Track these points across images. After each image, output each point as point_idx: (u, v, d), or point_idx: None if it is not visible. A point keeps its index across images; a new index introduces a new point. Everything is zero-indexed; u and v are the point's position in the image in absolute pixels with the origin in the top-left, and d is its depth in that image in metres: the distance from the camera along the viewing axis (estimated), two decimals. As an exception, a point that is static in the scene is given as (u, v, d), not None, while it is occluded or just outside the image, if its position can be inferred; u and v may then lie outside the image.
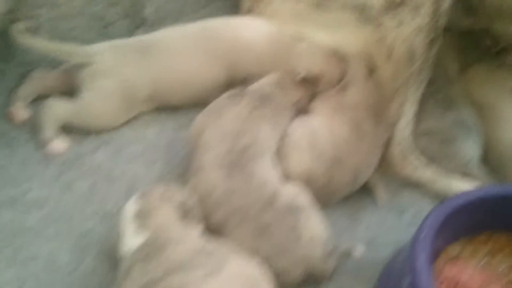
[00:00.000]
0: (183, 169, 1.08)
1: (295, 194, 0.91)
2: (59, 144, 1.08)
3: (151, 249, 0.72)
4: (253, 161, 0.92)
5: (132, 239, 0.75)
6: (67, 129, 1.10)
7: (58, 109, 1.08)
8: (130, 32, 1.29)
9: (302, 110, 1.10)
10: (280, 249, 0.84)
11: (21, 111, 1.11)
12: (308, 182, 0.98)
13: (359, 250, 0.94)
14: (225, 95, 1.05)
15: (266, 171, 0.93)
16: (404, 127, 1.10)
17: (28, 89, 1.13)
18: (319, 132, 1.03)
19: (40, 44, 1.11)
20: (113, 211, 0.99)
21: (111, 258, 0.90)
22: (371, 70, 1.10)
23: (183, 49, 1.16)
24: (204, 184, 0.91)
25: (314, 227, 0.89)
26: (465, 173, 1.07)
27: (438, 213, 0.84)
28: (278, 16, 1.21)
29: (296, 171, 0.99)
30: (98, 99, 1.10)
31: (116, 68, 1.11)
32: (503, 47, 1.21)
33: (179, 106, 1.20)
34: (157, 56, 1.14)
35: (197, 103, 1.13)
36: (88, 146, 1.11)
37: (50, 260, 0.90)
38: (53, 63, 1.18)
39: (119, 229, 0.80)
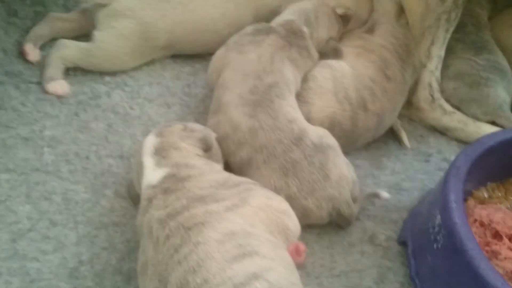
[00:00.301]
0: (199, 113, 1.06)
1: (323, 133, 0.87)
2: (62, 86, 1.04)
3: (172, 183, 0.69)
4: (278, 100, 0.88)
5: (152, 174, 0.72)
6: (83, 70, 1.07)
7: (68, 48, 1.05)
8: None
9: (327, 53, 1.04)
10: (308, 188, 0.81)
11: (33, 51, 1.08)
12: (332, 127, 0.94)
13: (383, 196, 0.91)
14: (248, 28, 0.99)
15: (292, 111, 0.89)
16: (433, 70, 1.06)
17: (43, 29, 1.10)
18: (344, 75, 0.98)
19: None
20: (130, 152, 0.97)
21: (128, 199, 0.88)
22: (401, 11, 1.05)
23: None
24: (226, 123, 0.87)
25: (343, 168, 0.85)
26: (498, 116, 1.03)
27: (470, 152, 0.81)
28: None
29: (320, 116, 0.95)
30: (113, 39, 1.06)
31: (135, 9, 1.06)
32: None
33: (197, 54, 1.16)
34: None
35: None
36: (103, 88, 1.08)
37: (66, 198, 0.88)
38: (67, 5, 1.16)
39: (139, 164, 0.77)
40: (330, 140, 0.88)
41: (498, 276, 0.64)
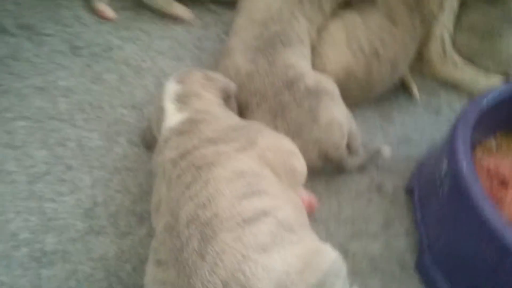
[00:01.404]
0: (210, 66, 1.06)
1: (322, 79, 0.87)
2: (109, 10, 1.12)
3: (188, 126, 0.71)
4: (281, 47, 0.88)
5: (171, 118, 0.74)
6: (96, 22, 1.09)
7: None
8: None
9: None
10: (294, 129, 0.81)
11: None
12: (347, 77, 0.95)
13: (385, 153, 0.91)
14: None
15: (294, 58, 0.89)
16: (444, 22, 1.04)
17: None
18: (356, 26, 0.98)
19: None
20: (142, 103, 0.99)
21: (140, 146, 0.91)
22: None
23: None
24: (230, 67, 0.88)
25: (334, 112, 0.85)
26: (510, 67, 1.02)
27: (479, 102, 0.81)
28: None
29: (335, 68, 0.95)
30: None
31: None
32: None
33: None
34: None
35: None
36: (116, 41, 1.09)
37: (81, 144, 0.90)
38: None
39: (159, 109, 0.78)
40: (329, 85, 0.87)
41: (501, 219, 0.64)
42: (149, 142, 0.84)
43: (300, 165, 0.73)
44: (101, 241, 0.77)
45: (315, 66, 0.95)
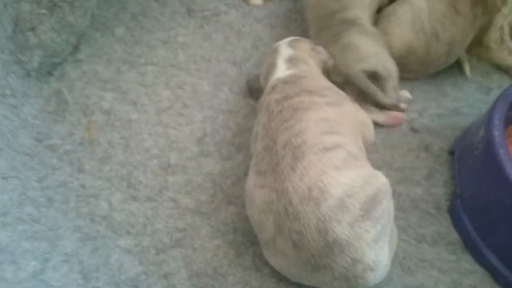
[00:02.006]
0: (297, 34, 1.27)
1: (361, 17, 1.11)
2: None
3: (294, 78, 0.93)
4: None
5: (281, 72, 0.97)
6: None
7: None
8: None
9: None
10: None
11: None
12: (408, 53, 1.14)
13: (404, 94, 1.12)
14: None
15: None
16: (506, 14, 1.19)
17: None
18: (421, 9, 1.15)
19: None
20: (242, 60, 1.23)
21: (239, 94, 1.15)
22: None
23: None
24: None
25: (356, 40, 1.06)
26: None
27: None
28: None
29: (398, 44, 1.14)
30: None
31: None
32: None
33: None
34: None
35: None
36: (223, 7, 1.33)
37: (194, 88, 1.16)
38: None
39: (271, 64, 1.01)
40: (370, 28, 1.12)
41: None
42: (253, 90, 1.09)
43: (370, 135, 0.96)
44: (209, 162, 1.03)
45: None
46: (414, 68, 1.16)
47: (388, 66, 1.08)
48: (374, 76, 1.07)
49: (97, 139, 1.05)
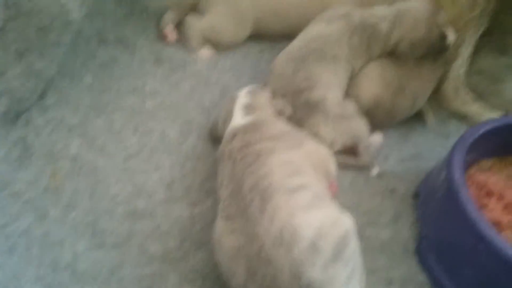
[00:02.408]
0: (263, 83, 1.31)
1: (331, 99, 1.12)
2: (206, 51, 1.37)
3: (251, 126, 0.96)
4: (311, 61, 1.13)
5: (239, 120, 0.99)
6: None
7: (197, 23, 1.36)
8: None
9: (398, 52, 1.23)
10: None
11: (172, 33, 1.39)
12: (376, 106, 1.19)
13: (374, 171, 1.15)
14: (332, 11, 1.25)
15: (319, 73, 1.12)
16: (460, 65, 1.28)
17: (172, 15, 1.41)
18: (389, 65, 1.22)
19: None
20: (209, 107, 1.25)
21: (207, 141, 1.16)
22: (437, 10, 1.26)
23: None
24: (273, 64, 1.17)
25: (321, 128, 1.09)
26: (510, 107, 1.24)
27: (476, 128, 1.04)
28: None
29: (367, 97, 1.19)
30: (217, 20, 1.36)
31: None
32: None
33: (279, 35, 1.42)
34: None
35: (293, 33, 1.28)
36: (190, 57, 1.36)
37: (163, 134, 1.16)
38: None
39: (229, 112, 1.03)
40: (336, 107, 1.12)
41: (481, 216, 0.86)
42: (215, 137, 1.10)
43: (333, 168, 0.98)
44: (178, 207, 1.02)
45: (351, 93, 1.19)
46: (381, 120, 1.22)
47: (357, 133, 1.12)
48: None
49: (63, 186, 1.03)
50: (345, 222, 0.78)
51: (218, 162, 0.97)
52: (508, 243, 0.82)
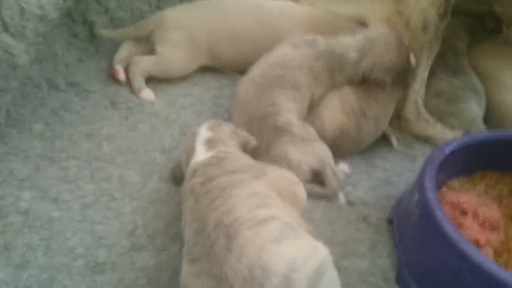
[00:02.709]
0: (224, 120, 1.27)
1: (297, 124, 1.11)
2: (149, 93, 1.32)
3: (213, 160, 0.91)
4: (274, 88, 1.12)
5: (201, 155, 0.94)
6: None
7: (143, 61, 1.32)
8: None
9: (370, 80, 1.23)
10: (254, 153, 1.05)
11: (121, 72, 1.36)
12: (341, 135, 1.18)
13: (341, 198, 1.12)
14: (299, 36, 1.24)
15: (281, 99, 1.11)
16: (418, 88, 1.29)
17: (123, 54, 1.38)
18: (348, 92, 1.21)
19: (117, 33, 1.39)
20: (170, 148, 1.20)
21: (169, 182, 1.11)
22: (401, 34, 1.26)
23: (235, 10, 1.37)
24: (236, 90, 1.16)
25: (288, 152, 1.07)
26: (471, 127, 1.25)
27: (443, 148, 1.03)
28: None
29: (331, 127, 1.18)
30: (170, 48, 1.33)
31: (180, 22, 1.34)
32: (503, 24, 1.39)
33: (233, 66, 1.41)
34: (213, 13, 1.36)
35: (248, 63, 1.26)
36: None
37: (122, 179, 1.10)
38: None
39: (190, 148, 0.98)
40: (302, 130, 1.11)
41: (458, 234, 0.84)
42: (178, 177, 1.05)
43: (301, 192, 0.93)
44: (142, 256, 0.95)
45: (314, 125, 1.17)
46: (348, 148, 1.20)
47: (322, 157, 1.10)
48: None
49: (14, 242, 0.94)
50: (320, 252, 0.73)
51: (182, 202, 0.91)
52: (491, 261, 0.80)
